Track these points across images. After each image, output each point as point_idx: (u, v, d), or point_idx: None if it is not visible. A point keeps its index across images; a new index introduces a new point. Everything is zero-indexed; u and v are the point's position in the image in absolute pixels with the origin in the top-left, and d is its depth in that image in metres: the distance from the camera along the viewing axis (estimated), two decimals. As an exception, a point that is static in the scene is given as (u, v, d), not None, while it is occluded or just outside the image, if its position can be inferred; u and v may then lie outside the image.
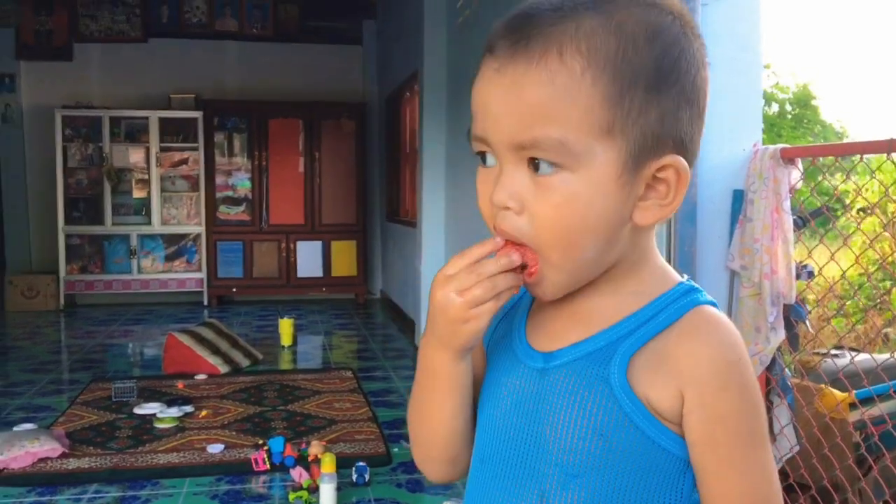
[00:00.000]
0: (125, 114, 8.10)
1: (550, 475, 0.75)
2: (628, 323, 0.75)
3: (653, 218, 0.73)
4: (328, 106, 8.35)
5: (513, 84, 0.69)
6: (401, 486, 3.32)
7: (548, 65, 0.67)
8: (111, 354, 6.04)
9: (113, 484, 3.32)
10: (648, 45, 0.69)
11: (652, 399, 0.72)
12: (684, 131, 0.71)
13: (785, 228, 2.04)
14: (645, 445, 0.72)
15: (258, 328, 6.95)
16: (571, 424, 0.74)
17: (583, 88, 0.67)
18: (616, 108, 0.68)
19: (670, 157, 0.71)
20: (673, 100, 0.70)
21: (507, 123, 0.70)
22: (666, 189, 0.72)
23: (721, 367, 0.71)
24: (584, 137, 0.68)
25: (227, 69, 8.55)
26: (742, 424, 0.72)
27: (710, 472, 0.72)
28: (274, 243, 8.32)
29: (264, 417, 4.24)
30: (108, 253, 8.14)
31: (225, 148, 8.32)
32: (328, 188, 8.39)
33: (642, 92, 0.68)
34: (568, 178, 0.69)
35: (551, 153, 0.69)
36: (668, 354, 0.72)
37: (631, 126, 0.68)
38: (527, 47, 0.68)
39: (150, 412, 4.21)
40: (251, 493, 3.24)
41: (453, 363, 0.79)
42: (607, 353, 0.74)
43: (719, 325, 0.74)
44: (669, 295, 0.76)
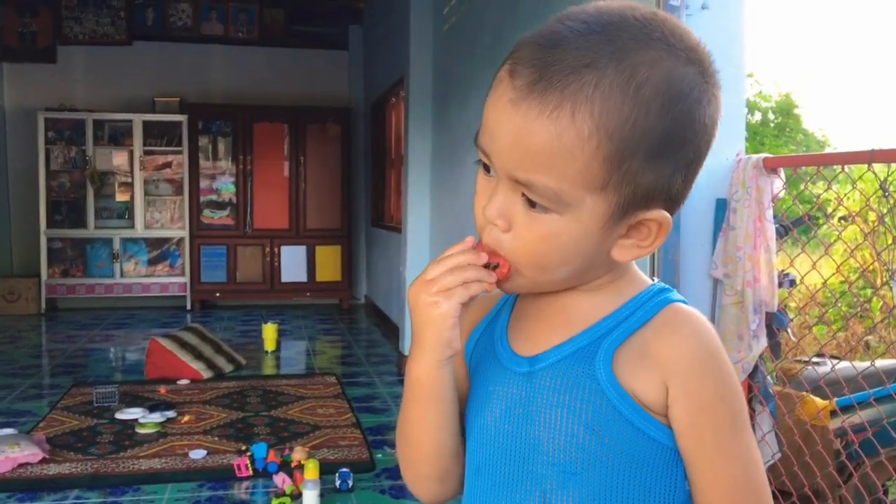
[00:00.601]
0: (109, 117, 8.06)
1: (549, 475, 0.78)
2: (607, 322, 0.78)
3: (630, 256, 0.77)
4: (314, 110, 8.34)
5: (523, 126, 0.70)
6: (384, 493, 3.31)
7: (558, 119, 0.68)
8: (93, 359, 5.99)
9: (94, 490, 3.30)
10: (661, 113, 0.70)
11: (638, 391, 0.75)
12: (676, 190, 0.74)
13: (767, 237, 2.05)
14: (636, 438, 0.75)
15: (241, 333, 6.92)
16: (563, 423, 0.77)
17: (586, 150, 0.69)
18: (614, 171, 0.70)
19: (656, 213, 0.74)
20: (672, 165, 0.72)
21: (509, 158, 0.72)
22: (647, 233, 0.76)
23: (700, 356, 0.75)
24: (577, 191, 0.71)
25: (212, 73, 8.52)
26: (725, 410, 0.75)
27: (699, 459, 0.75)
28: (258, 248, 8.29)
29: (247, 423, 4.22)
30: (90, 257, 8.09)
31: (209, 152, 8.29)
32: (313, 193, 8.37)
33: (642, 158, 0.70)
34: (555, 219, 0.73)
35: (543, 198, 0.72)
36: (649, 348, 0.75)
37: (625, 185, 0.71)
38: (543, 94, 0.69)
39: (131, 417, 4.18)
40: (234, 500, 3.23)
41: (433, 369, 0.80)
42: (591, 351, 0.77)
43: (694, 319, 0.78)
44: (643, 295, 0.79)
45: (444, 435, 0.85)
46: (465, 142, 4.60)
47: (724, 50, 2.26)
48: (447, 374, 0.82)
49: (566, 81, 0.68)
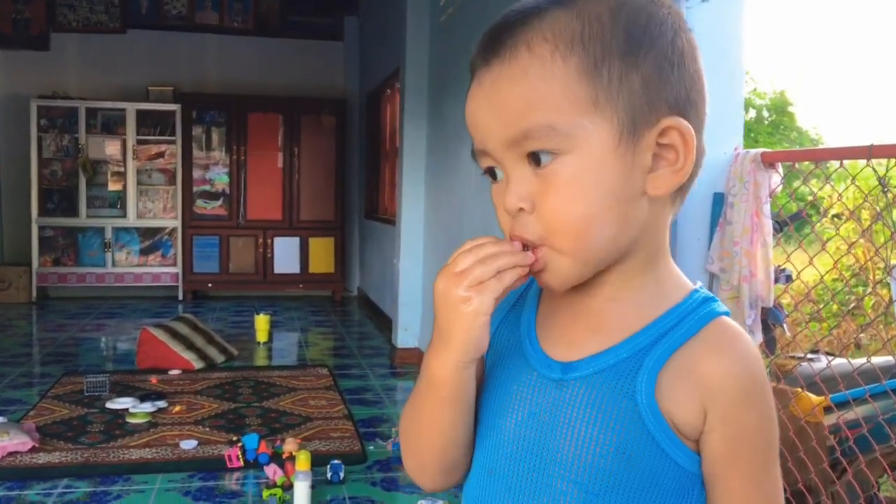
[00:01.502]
0: (102, 105, 8.01)
1: (569, 493, 0.73)
2: (650, 331, 0.73)
3: (667, 185, 0.71)
4: (308, 101, 8.31)
5: (491, 88, 0.70)
6: (375, 485, 3.30)
7: (518, 60, 0.69)
8: (84, 348, 5.97)
9: (84, 479, 3.28)
10: (613, 19, 0.69)
11: (675, 416, 0.71)
12: (676, 92, 0.70)
13: (764, 232, 2.04)
14: (663, 463, 0.71)
15: (234, 324, 6.90)
16: (592, 441, 0.72)
17: (556, 70, 0.68)
18: (595, 81, 0.68)
19: (668, 120, 0.69)
20: (653, 63, 0.69)
21: (496, 125, 0.70)
22: (675, 154, 0.70)
23: (746, 383, 0.71)
24: (570, 116, 0.68)
25: (206, 62, 8.48)
26: (763, 441, 0.73)
27: (728, 488, 0.72)
28: (251, 238, 8.27)
29: (239, 414, 4.21)
30: (81, 246, 8.05)
31: (203, 141, 8.25)
32: (307, 184, 8.35)
33: (618, 61, 0.68)
34: (566, 160, 0.69)
35: (543, 139, 0.68)
36: (693, 369, 0.71)
37: (616, 96, 0.68)
38: (497, 52, 0.70)
39: (122, 407, 4.16)
40: (224, 490, 3.21)
41: (456, 370, 0.74)
42: (632, 366, 0.72)
43: (742, 340, 0.73)
44: (688, 304, 0.74)
45: (458, 431, 0.79)
46: (460, 134, 4.58)
47: (722, 43, 2.25)
48: (469, 376, 0.76)
49: (514, 31, 0.70)
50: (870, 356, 1.99)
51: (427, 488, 0.85)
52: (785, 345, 2.32)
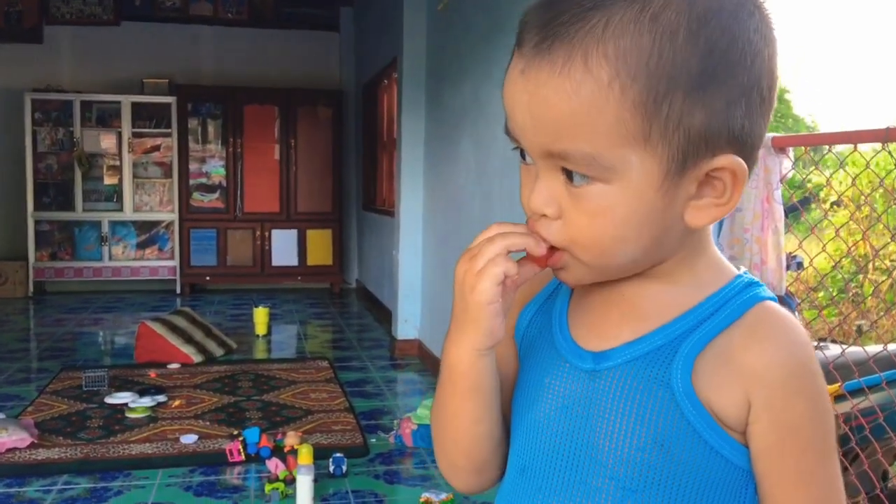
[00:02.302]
0: (97, 98, 7.95)
1: (605, 489, 0.69)
2: (687, 319, 0.68)
3: (708, 218, 0.66)
4: (305, 93, 8.25)
5: (536, 92, 0.63)
6: (378, 478, 3.27)
7: (571, 74, 0.60)
8: (81, 343, 5.92)
9: (83, 475, 3.25)
10: (690, 41, 0.60)
11: (715, 404, 0.66)
12: (740, 126, 0.63)
13: (775, 218, 2.01)
14: (707, 456, 0.67)
15: (232, 317, 6.86)
16: (628, 433, 0.68)
17: (611, 99, 0.60)
18: (651, 116, 0.61)
19: (723, 159, 0.63)
20: (723, 97, 0.62)
21: (534, 133, 0.65)
22: (722, 187, 0.65)
23: (794, 370, 0.66)
24: (616, 150, 0.61)
25: (201, 54, 8.41)
26: (814, 434, 0.67)
27: (777, 485, 0.67)
28: (248, 231, 8.22)
29: (239, 408, 4.17)
30: (78, 240, 8.00)
31: (199, 134, 8.19)
32: (304, 176, 8.30)
33: (683, 95, 0.60)
34: (602, 189, 0.63)
35: (582, 166, 0.63)
36: (734, 355, 0.66)
37: (672, 132, 0.61)
38: (550, 51, 0.61)
39: (121, 402, 4.12)
40: (226, 485, 3.18)
41: (472, 356, 0.72)
42: (667, 353, 0.68)
43: (790, 324, 0.68)
44: (729, 288, 0.69)
45: (483, 427, 0.77)
46: (459, 124, 4.54)
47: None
48: (489, 364, 0.73)
49: (572, 30, 0.60)
50: (886, 344, 1.96)
51: (460, 489, 0.82)
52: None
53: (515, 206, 3.82)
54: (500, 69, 3.14)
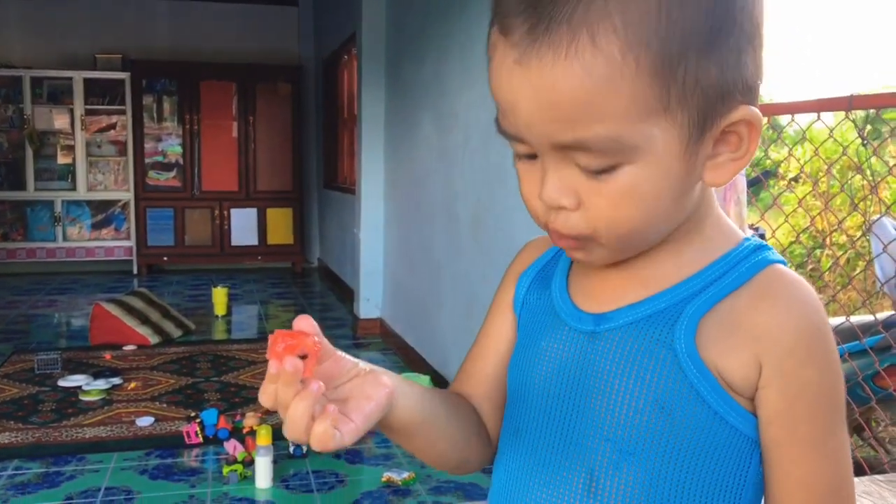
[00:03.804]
0: (47, 74, 7.73)
1: (601, 451, 0.67)
2: (694, 282, 0.66)
3: (728, 174, 0.63)
4: (263, 69, 8.10)
5: (541, 80, 0.57)
6: (340, 457, 3.23)
7: (580, 54, 0.55)
8: (35, 325, 5.78)
9: (35, 460, 3.16)
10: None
11: (722, 368, 0.63)
12: (749, 74, 0.61)
13: (738, 190, 1.98)
14: (711, 421, 0.64)
15: (191, 298, 6.75)
16: (627, 395, 0.66)
17: (626, 74, 0.56)
18: (669, 83, 0.57)
19: (740, 111, 0.61)
20: (733, 49, 0.59)
21: (544, 125, 0.59)
22: (738, 140, 0.62)
23: (807, 334, 0.63)
24: (637, 125, 0.58)
25: (156, 28, 8.20)
26: (826, 400, 0.64)
27: (786, 454, 0.64)
28: (206, 210, 8.08)
29: (197, 389, 4.10)
30: (30, 220, 7.81)
31: (154, 111, 8.01)
32: (263, 154, 8.17)
33: (696, 55, 0.57)
34: (626, 171, 0.60)
35: (604, 154, 0.59)
36: (744, 318, 0.63)
37: (690, 96, 0.58)
38: (549, 32, 0.56)
39: (75, 384, 4.03)
40: (183, 468, 3.12)
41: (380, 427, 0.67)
42: (672, 315, 0.65)
43: (801, 287, 0.65)
44: (738, 252, 0.67)
45: (436, 450, 0.75)
46: (420, 100, 4.47)
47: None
48: (396, 419, 0.67)
49: (569, 8, 0.56)
50: (849, 315, 1.95)
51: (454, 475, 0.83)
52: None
53: (476, 182, 3.74)
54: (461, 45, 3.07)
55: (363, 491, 2.94)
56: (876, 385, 2.07)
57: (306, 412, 0.60)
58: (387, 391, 0.64)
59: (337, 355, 0.66)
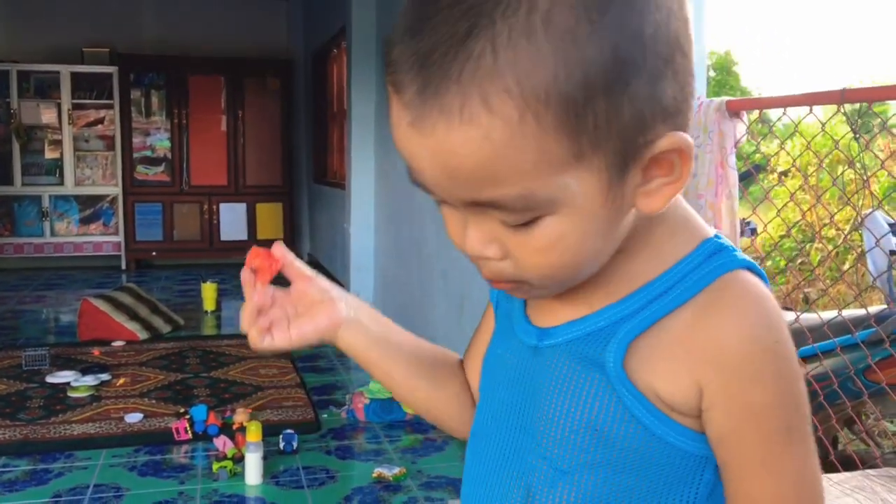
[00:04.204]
0: (34, 68, 7.66)
1: (538, 469, 0.66)
2: (638, 297, 0.62)
3: (662, 200, 0.58)
4: (252, 62, 8.06)
5: (439, 146, 0.53)
6: (330, 453, 3.22)
7: (475, 119, 0.51)
8: (22, 321, 5.74)
9: (23, 457, 3.13)
10: (595, 34, 0.51)
11: (660, 391, 0.60)
12: (671, 98, 0.56)
13: (730, 184, 1.98)
14: (649, 442, 0.61)
15: (180, 293, 6.71)
16: (562, 415, 0.64)
17: (528, 133, 0.51)
18: (578, 134, 0.52)
19: (664, 141, 0.56)
20: (646, 80, 0.53)
21: (451, 187, 0.56)
22: (669, 165, 0.57)
23: (752, 351, 0.58)
24: (549, 180, 0.54)
25: (143, 21, 8.14)
26: (777, 420, 0.60)
27: (737, 475, 0.61)
28: (195, 205, 8.04)
29: (186, 385, 4.07)
30: (18, 215, 7.75)
31: (142, 105, 7.96)
32: (252, 148, 8.13)
33: (604, 96, 0.52)
34: (547, 222, 0.56)
35: (519, 211, 0.55)
36: (685, 338, 0.60)
37: (604, 140, 0.53)
38: (439, 96, 0.52)
39: (63, 381, 4.00)
40: (172, 464, 3.10)
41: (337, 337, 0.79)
42: (607, 335, 0.62)
43: (753, 298, 0.60)
44: (689, 260, 0.61)
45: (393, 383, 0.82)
46: (410, 93, 4.45)
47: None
48: (348, 343, 0.79)
49: (455, 67, 0.51)
50: (841, 309, 1.95)
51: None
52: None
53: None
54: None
55: (354, 487, 2.93)
56: (867, 379, 2.07)
57: (247, 313, 0.76)
58: (330, 321, 0.78)
59: (309, 277, 0.80)
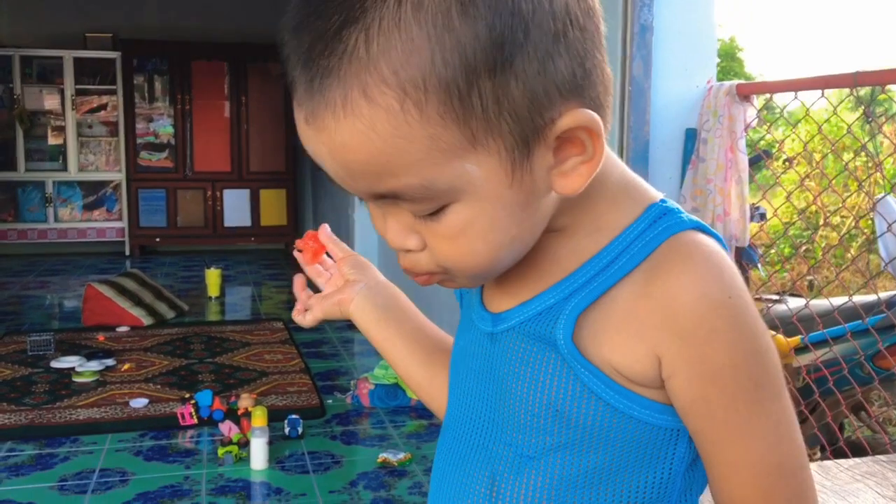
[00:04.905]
0: (37, 53, 7.64)
1: (502, 456, 0.64)
2: (584, 272, 0.60)
3: (581, 179, 0.56)
4: (255, 48, 8.01)
5: (331, 141, 0.54)
6: (335, 439, 3.22)
7: (357, 112, 0.51)
8: (27, 306, 5.74)
9: (29, 441, 3.14)
10: (468, 15, 0.50)
11: (617, 364, 0.58)
12: (569, 74, 0.54)
13: (739, 168, 1.96)
14: (612, 418, 0.59)
15: (184, 279, 6.71)
16: (523, 399, 0.62)
17: (412, 122, 0.51)
18: (467, 118, 0.52)
19: (567, 119, 0.54)
20: (534, 55, 0.52)
21: (353, 181, 0.56)
22: (579, 142, 0.56)
23: (704, 310, 0.56)
24: (445, 167, 0.53)
25: (146, 6, 8.09)
26: (742, 378, 0.57)
27: (711, 441, 0.59)
28: (199, 191, 8.02)
29: (191, 370, 4.07)
30: (21, 201, 7.74)
31: (145, 91, 7.93)
32: (256, 134, 8.11)
33: (489, 78, 0.51)
34: (453, 209, 0.55)
35: (419, 200, 0.55)
36: (634, 306, 0.58)
37: (496, 122, 0.52)
38: (322, 92, 0.52)
39: (68, 366, 4.00)
40: (178, 449, 3.10)
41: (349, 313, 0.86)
42: (556, 312, 0.60)
43: (699, 256, 0.57)
44: (632, 228, 0.60)
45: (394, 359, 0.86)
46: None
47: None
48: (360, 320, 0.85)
49: (334, 61, 0.51)
50: (851, 294, 1.94)
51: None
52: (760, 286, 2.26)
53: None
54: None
55: (359, 472, 2.93)
56: (875, 365, 2.06)
57: (297, 289, 0.90)
58: (340, 300, 0.86)
59: (342, 258, 0.90)
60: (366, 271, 0.88)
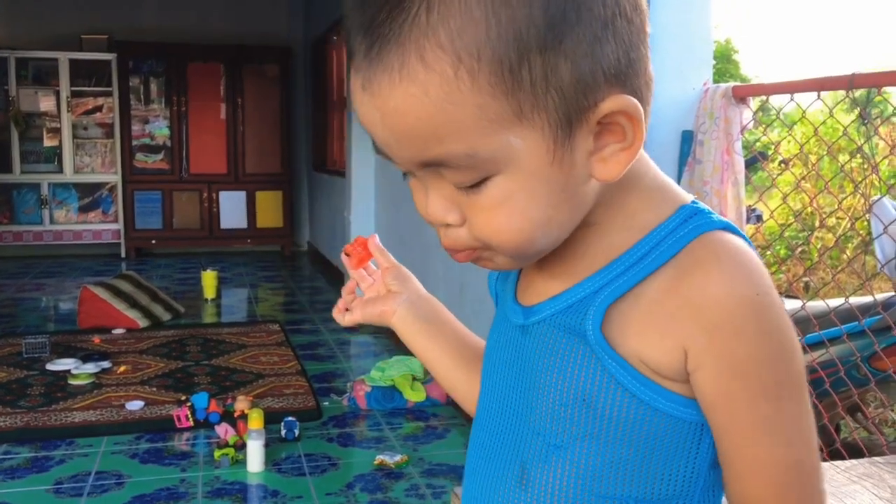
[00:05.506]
0: (32, 55, 7.63)
1: (532, 445, 0.67)
2: (616, 266, 0.62)
3: (620, 166, 0.59)
4: (251, 50, 8.02)
5: (385, 105, 0.56)
6: (332, 441, 3.22)
7: (412, 76, 0.54)
8: (22, 309, 5.73)
9: (24, 444, 3.13)
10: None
11: (645, 356, 0.60)
12: (614, 61, 0.56)
13: (736, 170, 1.96)
14: (639, 411, 0.61)
15: (180, 281, 6.70)
16: (552, 389, 0.65)
17: (463, 89, 0.53)
18: (514, 90, 0.54)
19: (610, 103, 0.56)
20: (583, 37, 0.55)
21: (400, 148, 0.58)
22: (619, 129, 0.58)
23: (732, 307, 0.57)
24: (491, 138, 0.55)
25: (142, 8, 8.08)
26: (766, 376, 0.59)
27: (731, 437, 0.60)
28: (195, 193, 8.01)
29: (187, 373, 4.07)
30: (17, 203, 7.73)
31: (141, 93, 7.93)
32: (252, 136, 8.10)
33: (539, 54, 0.54)
34: (494, 182, 0.57)
35: (463, 168, 0.57)
36: (663, 299, 0.59)
37: (543, 97, 0.55)
38: (381, 57, 0.55)
39: (63, 368, 4.00)
40: (174, 451, 3.09)
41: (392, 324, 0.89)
42: (586, 305, 0.62)
43: (728, 254, 0.59)
44: (665, 226, 0.61)
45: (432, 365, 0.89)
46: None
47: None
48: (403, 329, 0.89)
49: (395, 27, 0.54)
50: (847, 296, 1.94)
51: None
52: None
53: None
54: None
55: (356, 474, 2.93)
56: (872, 367, 2.06)
57: (346, 290, 0.96)
58: (382, 311, 0.90)
59: (387, 268, 0.94)
60: (408, 283, 0.92)
